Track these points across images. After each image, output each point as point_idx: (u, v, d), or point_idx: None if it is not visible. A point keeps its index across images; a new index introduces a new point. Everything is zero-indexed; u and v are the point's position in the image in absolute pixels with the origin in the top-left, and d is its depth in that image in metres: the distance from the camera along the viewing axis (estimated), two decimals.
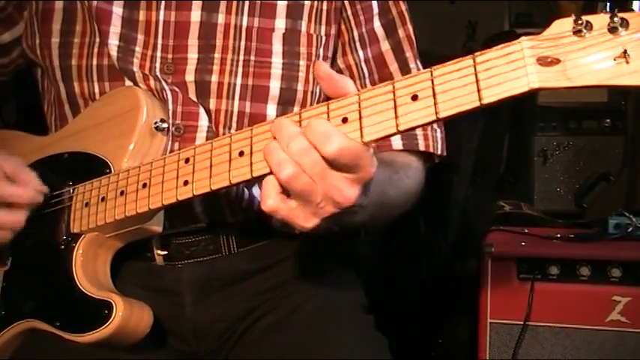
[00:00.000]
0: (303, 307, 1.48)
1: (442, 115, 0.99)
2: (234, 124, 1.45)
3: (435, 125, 1.55)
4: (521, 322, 2.16)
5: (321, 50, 1.53)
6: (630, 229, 2.24)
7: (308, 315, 1.47)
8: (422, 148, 1.52)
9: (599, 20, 0.93)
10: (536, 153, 2.97)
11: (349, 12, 1.56)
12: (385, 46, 1.56)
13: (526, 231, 2.34)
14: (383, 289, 2.30)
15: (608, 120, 2.94)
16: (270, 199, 1.06)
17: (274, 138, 1.06)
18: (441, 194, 3.05)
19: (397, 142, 1.52)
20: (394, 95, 1.03)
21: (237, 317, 1.49)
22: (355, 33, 1.56)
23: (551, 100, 3.04)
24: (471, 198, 2.98)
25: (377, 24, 1.56)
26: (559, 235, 2.29)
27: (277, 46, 1.48)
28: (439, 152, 1.56)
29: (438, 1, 3.71)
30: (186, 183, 1.21)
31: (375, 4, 1.56)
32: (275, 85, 1.48)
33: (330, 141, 1.01)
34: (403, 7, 1.58)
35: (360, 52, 1.57)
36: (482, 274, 2.21)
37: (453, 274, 2.86)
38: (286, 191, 1.06)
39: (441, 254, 2.97)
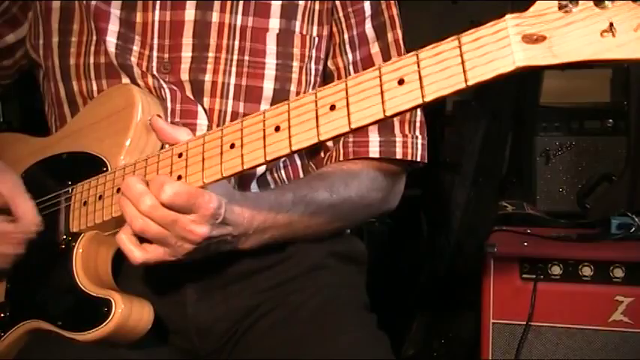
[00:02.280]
0: (306, 306, 1.48)
1: (428, 97, 0.98)
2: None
3: (417, 132, 1.57)
4: (524, 323, 2.15)
5: (314, 51, 1.53)
6: (633, 229, 2.24)
7: (310, 314, 1.46)
8: (399, 156, 1.54)
9: None
10: (539, 153, 2.98)
11: (341, 14, 1.56)
12: (374, 48, 1.56)
13: (528, 231, 2.34)
14: (385, 288, 2.30)
15: (610, 120, 2.95)
16: (134, 253, 1.26)
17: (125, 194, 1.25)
18: (444, 194, 3.05)
19: (375, 150, 1.53)
20: (380, 80, 1.02)
21: (239, 316, 1.49)
22: (346, 35, 1.57)
23: (554, 101, 3.04)
24: (473, 198, 2.98)
25: (368, 26, 1.56)
26: (561, 236, 2.28)
27: (271, 47, 1.49)
28: (419, 159, 1.57)
29: (440, 1, 3.71)
30: (179, 177, 1.22)
31: (367, 6, 1.56)
32: (268, 86, 1.49)
33: (164, 189, 1.19)
34: (395, 11, 1.58)
35: (350, 55, 1.57)
36: (484, 274, 2.21)
37: (456, 274, 2.86)
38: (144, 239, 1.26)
39: (443, 254, 2.97)
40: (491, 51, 0.94)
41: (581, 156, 2.96)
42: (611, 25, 0.88)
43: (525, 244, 2.23)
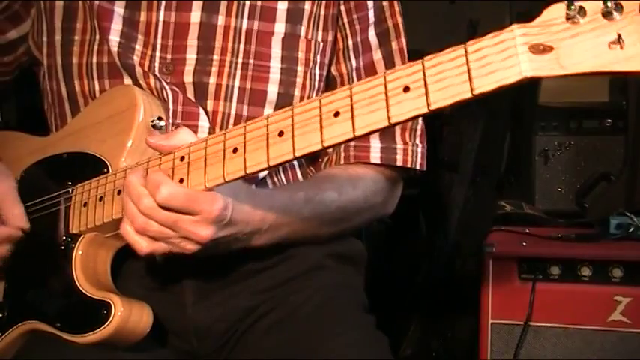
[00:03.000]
0: (304, 307, 1.48)
1: (434, 106, 0.97)
2: (230, 127, 1.45)
3: (417, 140, 1.57)
4: (523, 323, 2.16)
5: (319, 57, 1.53)
6: (631, 229, 2.24)
7: (309, 314, 1.46)
8: (399, 163, 1.55)
9: (593, 5, 0.90)
10: (537, 153, 2.97)
11: (345, 20, 1.56)
12: (377, 55, 1.56)
13: (527, 231, 2.35)
14: (384, 288, 2.30)
15: (609, 120, 2.95)
16: (141, 244, 1.24)
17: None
18: (442, 194, 3.05)
19: (376, 156, 1.53)
20: (385, 88, 1.01)
21: (238, 317, 1.49)
22: (350, 42, 1.57)
23: (553, 100, 3.04)
24: (472, 198, 2.98)
25: (371, 33, 1.56)
26: (560, 235, 2.29)
27: (276, 51, 1.49)
28: (418, 167, 1.58)
29: (438, 0, 3.71)
30: (181, 181, 1.21)
31: (371, 14, 1.56)
32: (272, 90, 1.49)
33: (160, 190, 1.18)
34: (399, 19, 1.58)
35: (353, 61, 1.57)
36: (483, 274, 2.21)
37: (454, 274, 2.86)
38: None
39: (442, 254, 2.97)
40: (498, 61, 0.93)
41: (579, 156, 2.96)
42: (619, 37, 0.87)
43: (524, 243, 2.23)
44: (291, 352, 1.39)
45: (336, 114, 1.05)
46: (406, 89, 1.00)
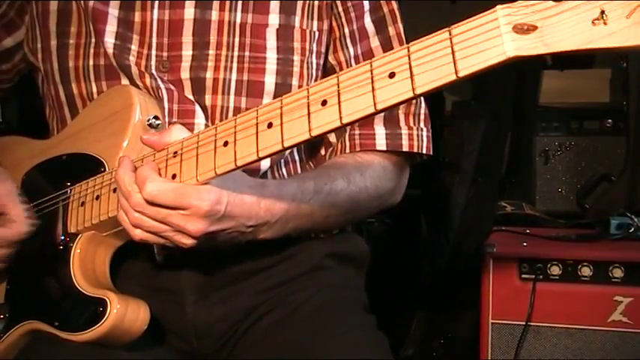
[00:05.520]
0: (304, 307, 1.48)
1: (419, 90, 0.98)
2: None
3: (422, 124, 1.57)
4: (523, 323, 2.15)
5: (315, 45, 1.54)
6: (632, 229, 2.24)
7: (309, 314, 1.47)
8: (405, 148, 1.54)
9: None
10: (538, 153, 2.98)
11: (340, 8, 1.57)
12: (375, 42, 1.56)
13: (528, 231, 2.34)
14: (384, 288, 2.29)
15: (610, 120, 2.95)
16: (134, 231, 1.25)
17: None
18: (443, 194, 3.05)
19: (381, 142, 1.53)
20: (372, 74, 1.02)
21: (238, 317, 1.49)
22: (346, 30, 1.57)
23: (553, 101, 3.04)
24: (472, 198, 2.98)
25: (367, 20, 1.57)
26: (561, 236, 2.28)
27: (271, 42, 1.49)
28: (424, 151, 1.57)
29: (439, 1, 3.71)
30: (174, 176, 1.22)
31: (365, 1, 1.56)
32: (270, 80, 1.49)
33: (146, 186, 1.19)
34: (394, 5, 1.58)
35: (351, 49, 1.57)
36: (483, 274, 2.20)
37: (455, 275, 2.85)
38: None
39: (442, 254, 2.97)
40: (482, 42, 0.93)
41: (580, 156, 2.97)
42: (603, 12, 0.87)
43: (524, 244, 2.22)
44: (292, 353, 1.39)
45: (324, 102, 1.06)
46: (392, 75, 1.00)
